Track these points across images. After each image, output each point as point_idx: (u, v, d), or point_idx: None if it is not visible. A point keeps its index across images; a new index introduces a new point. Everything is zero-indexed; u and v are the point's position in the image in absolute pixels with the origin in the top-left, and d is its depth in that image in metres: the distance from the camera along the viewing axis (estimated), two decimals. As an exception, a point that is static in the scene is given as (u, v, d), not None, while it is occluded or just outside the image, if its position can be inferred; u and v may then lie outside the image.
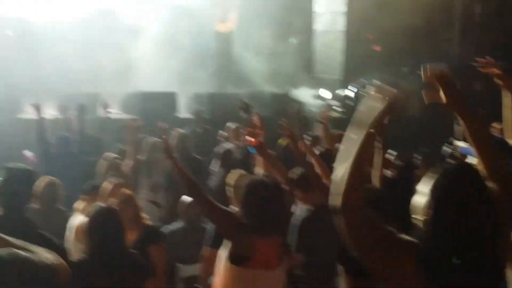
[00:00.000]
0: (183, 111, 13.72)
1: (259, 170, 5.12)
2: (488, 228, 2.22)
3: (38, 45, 14.44)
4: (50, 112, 10.41)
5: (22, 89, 12.68)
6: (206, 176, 8.13)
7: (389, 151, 5.87)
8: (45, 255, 2.44)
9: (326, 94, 15.62)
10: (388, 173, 5.72)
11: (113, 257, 4.03)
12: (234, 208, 4.78)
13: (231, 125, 9.37)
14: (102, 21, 15.35)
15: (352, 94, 14.97)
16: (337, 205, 2.22)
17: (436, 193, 2.28)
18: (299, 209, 5.59)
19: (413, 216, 2.35)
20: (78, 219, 5.30)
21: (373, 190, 4.32)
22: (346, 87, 15.25)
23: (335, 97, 15.32)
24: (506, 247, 2.32)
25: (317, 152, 6.57)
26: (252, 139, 4.71)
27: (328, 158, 6.55)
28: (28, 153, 8.56)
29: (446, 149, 8.14)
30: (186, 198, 5.95)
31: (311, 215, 5.42)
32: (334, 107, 14.32)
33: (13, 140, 10.22)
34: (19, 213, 3.86)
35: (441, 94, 2.44)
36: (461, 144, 7.87)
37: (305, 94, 15.05)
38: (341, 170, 2.25)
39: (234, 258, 4.04)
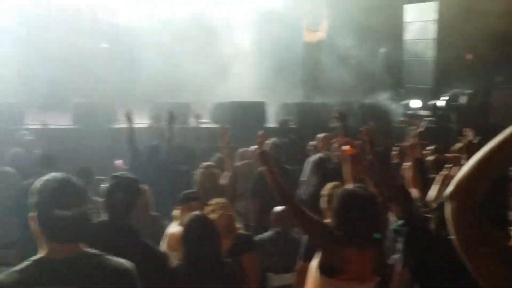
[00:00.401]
0: (271, 121, 13.76)
1: (348, 181, 5.08)
2: None
3: (131, 54, 14.90)
4: (142, 121, 10.67)
5: (116, 98, 13.08)
6: (294, 186, 8.13)
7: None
8: None
9: (416, 104, 15.38)
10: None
11: (207, 266, 4.08)
12: (327, 220, 4.76)
13: (320, 135, 9.34)
14: (193, 28, 15.56)
15: (443, 104, 14.68)
16: (449, 190, 2.17)
17: None
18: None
19: None
20: (172, 228, 5.39)
21: None
22: (437, 97, 14.97)
23: (426, 107, 15.06)
24: None
25: (409, 162, 6.49)
26: (348, 148, 4.67)
27: (420, 169, 6.46)
28: (118, 162, 8.79)
29: None
30: (277, 208, 5.96)
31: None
32: (424, 117, 14.06)
33: (107, 148, 10.51)
34: (123, 221, 3.97)
35: None
36: None
37: (395, 104, 14.85)
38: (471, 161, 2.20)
39: (325, 270, 4.00)
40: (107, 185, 4.03)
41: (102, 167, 8.27)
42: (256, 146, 5.30)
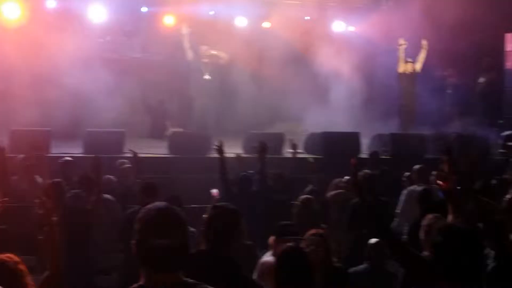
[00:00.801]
0: (366, 152, 13.59)
1: (451, 216, 4.95)
2: None
3: (229, 86, 15.13)
4: (236, 152, 10.77)
5: (212, 128, 13.33)
6: (389, 218, 7.99)
7: None
8: None
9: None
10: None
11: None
12: (425, 251, 4.65)
13: (416, 166, 9.16)
14: (287, 58, 15.60)
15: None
16: None
17: None
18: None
19: None
20: (266, 257, 5.39)
21: None
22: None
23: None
24: None
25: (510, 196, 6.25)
26: (442, 183, 4.56)
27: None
28: (214, 191, 8.91)
29: None
30: (373, 240, 5.88)
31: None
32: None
33: (201, 178, 10.61)
34: (222, 251, 4.01)
35: None
36: None
37: (493, 136, 14.38)
38: None
39: (421, 304, 3.92)
40: (208, 215, 4.08)
41: (197, 197, 8.44)
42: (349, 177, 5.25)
